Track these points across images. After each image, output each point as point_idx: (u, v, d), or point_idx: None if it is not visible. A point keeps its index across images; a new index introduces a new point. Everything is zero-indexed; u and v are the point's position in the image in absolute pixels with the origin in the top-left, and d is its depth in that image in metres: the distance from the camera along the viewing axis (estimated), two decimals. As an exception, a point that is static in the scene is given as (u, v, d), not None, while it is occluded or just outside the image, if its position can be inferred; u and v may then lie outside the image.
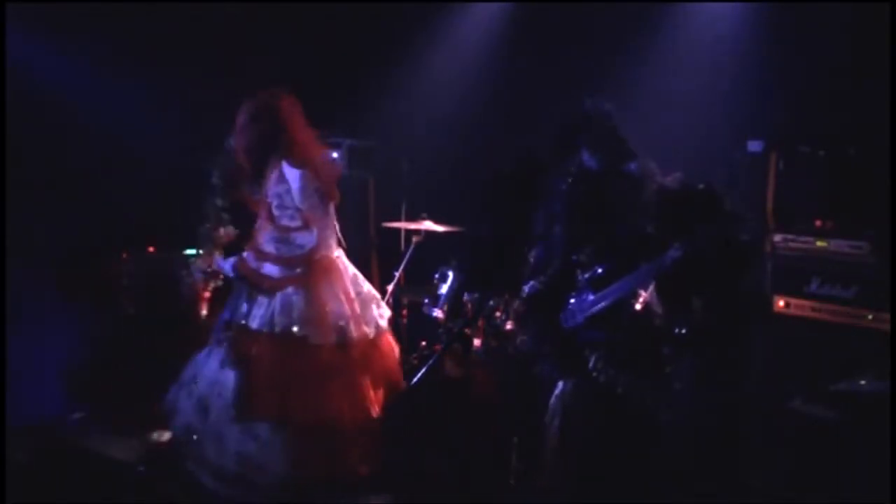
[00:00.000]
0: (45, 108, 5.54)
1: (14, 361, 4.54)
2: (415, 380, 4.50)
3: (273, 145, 4.22)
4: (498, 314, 4.90)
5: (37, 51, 5.53)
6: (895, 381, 3.78)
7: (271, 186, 4.20)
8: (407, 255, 5.64)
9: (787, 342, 4.31)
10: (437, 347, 5.08)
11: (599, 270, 3.57)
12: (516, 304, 4.66)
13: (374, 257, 6.35)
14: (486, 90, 6.15)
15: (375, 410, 4.27)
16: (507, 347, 4.78)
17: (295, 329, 4.13)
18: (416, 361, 5.18)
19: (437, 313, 5.23)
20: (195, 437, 4.14)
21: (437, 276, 5.35)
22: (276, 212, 4.20)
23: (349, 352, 4.23)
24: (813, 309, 4.28)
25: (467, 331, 5.01)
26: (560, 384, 3.68)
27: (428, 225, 5.57)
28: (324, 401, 4.13)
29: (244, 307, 4.22)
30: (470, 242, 5.68)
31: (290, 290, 4.17)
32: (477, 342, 5.03)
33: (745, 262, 3.77)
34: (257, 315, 4.17)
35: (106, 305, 5.48)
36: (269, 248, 4.20)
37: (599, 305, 3.54)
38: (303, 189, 4.17)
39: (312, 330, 4.14)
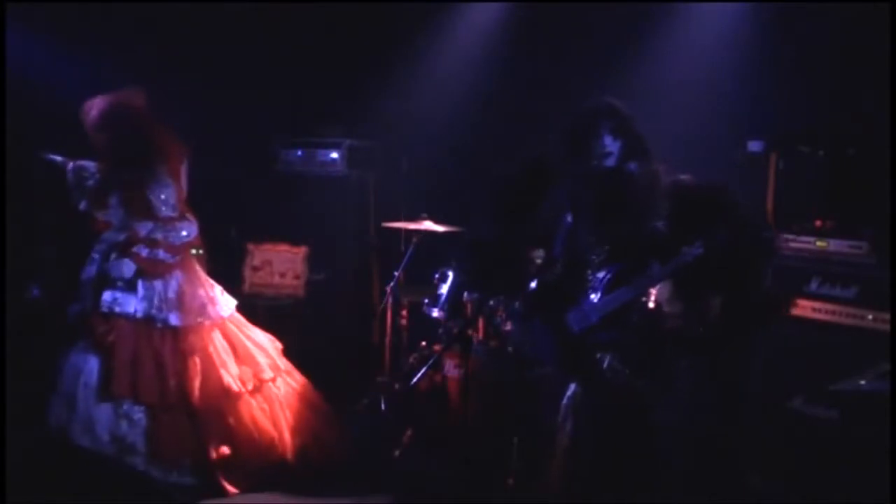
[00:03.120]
0: (45, 108, 5.53)
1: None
2: (415, 380, 4.51)
3: (137, 145, 4.52)
4: (498, 314, 4.90)
5: (37, 51, 5.53)
6: (895, 381, 3.78)
7: (152, 184, 4.52)
8: (407, 255, 5.64)
9: (787, 342, 4.31)
10: (437, 347, 5.08)
11: (609, 274, 3.55)
12: (517, 302, 4.65)
13: (374, 257, 6.35)
14: (487, 90, 6.15)
15: (239, 388, 4.49)
16: (507, 347, 4.78)
17: (155, 312, 4.43)
18: (415, 361, 5.18)
19: (437, 313, 5.23)
20: (67, 430, 4.32)
21: (437, 276, 5.34)
22: (158, 204, 4.54)
23: (205, 333, 4.53)
24: (813, 309, 4.28)
25: (467, 331, 5.01)
26: (571, 386, 3.66)
27: (428, 225, 5.56)
28: (180, 380, 4.39)
29: (108, 296, 4.44)
30: (471, 242, 5.68)
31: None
32: (477, 342, 5.02)
33: (767, 260, 3.74)
34: (120, 301, 4.43)
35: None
36: (158, 236, 4.52)
37: (613, 305, 3.52)
38: (183, 183, 4.61)
39: (173, 313, 4.46)
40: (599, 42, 5.67)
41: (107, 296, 4.45)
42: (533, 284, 3.77)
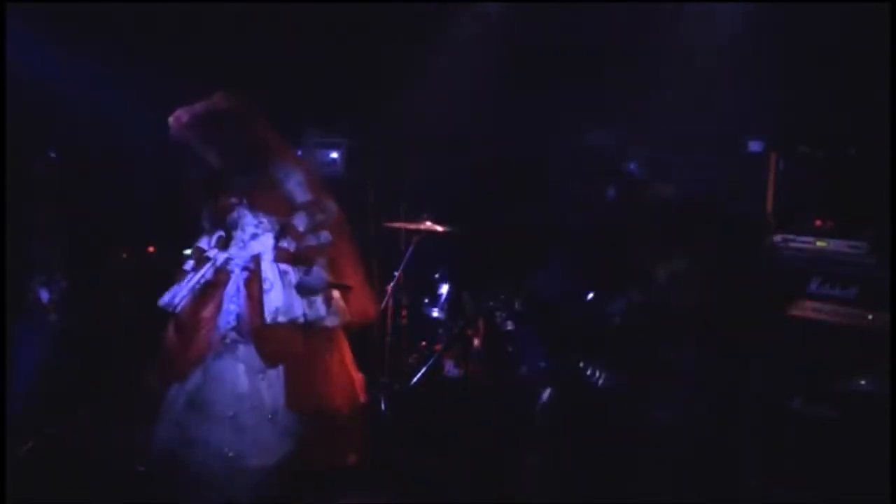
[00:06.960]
0: (45, 108, 5.54)
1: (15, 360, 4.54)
2: (415, 380, 4.51)
3: (251, 144, 4.25)
4: (498, 314, 4.90)
5: (37, 51, 5.54)
6: (895, 381, 3.79)
7: (280, 176, 4.23)
8: (407, 255, 5.64)
9: (787, 342, 4.32)
10: (437, 347, 5.08)
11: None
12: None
13: (374, 257, 6.35)
14: (487, 90, 6.15)
15: (363, 394, 4.36)
16: (507, 347, 4.79)
17: (323, 316, 4.17)
18: (415, 361, 5.19)
19: (437, 313, 5.24)
20: (191, 447, 4.03)
21: (437, 276, 5.35)
22: (294, 191, 4.24)
23: (342, 333, 4.35)
24: (813, 309, 4.28)
25: (467, 331, 5.01)
26: (546, 391, 3.69)
27: (428, 225, 5.57)
28: (330, 384, 4.18)
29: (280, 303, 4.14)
30: (466, 243, 5.67)
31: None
32: (477, 342, 5.03)
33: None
34: (276, 309, 4.11)
35: (106, 304, 5.49)
36: (318, 217, 4.27)
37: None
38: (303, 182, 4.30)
39: (333, 314, 4.22)
40: (599, 42, 5.67)
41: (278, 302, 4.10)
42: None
